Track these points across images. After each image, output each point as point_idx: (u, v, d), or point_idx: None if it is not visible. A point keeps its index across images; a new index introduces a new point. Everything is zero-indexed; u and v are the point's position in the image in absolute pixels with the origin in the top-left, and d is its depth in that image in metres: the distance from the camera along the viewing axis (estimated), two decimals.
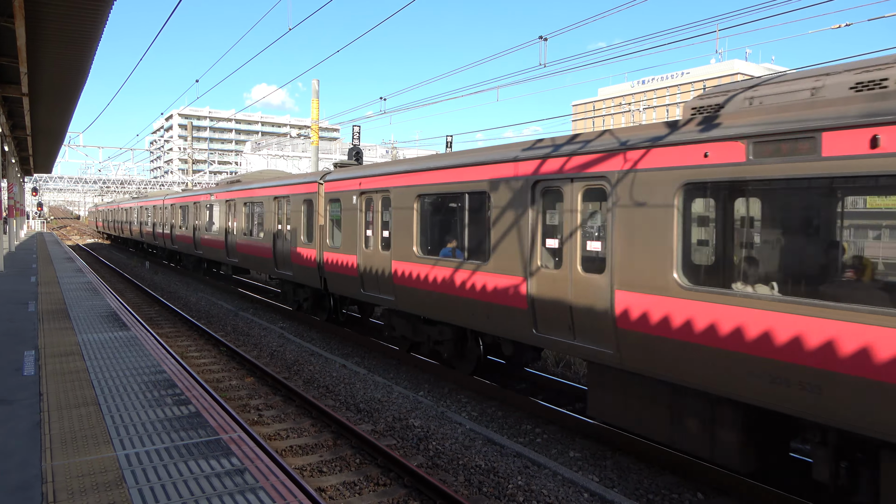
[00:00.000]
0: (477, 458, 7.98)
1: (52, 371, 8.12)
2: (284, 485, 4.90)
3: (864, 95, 5.60)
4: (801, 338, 5.73)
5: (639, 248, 7.23)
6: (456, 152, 11.60)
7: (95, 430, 6.02)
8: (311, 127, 29.96)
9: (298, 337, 15.90)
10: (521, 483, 7.26)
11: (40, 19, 11.09)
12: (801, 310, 5.75)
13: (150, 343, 10.12)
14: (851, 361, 5.39)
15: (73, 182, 68.25)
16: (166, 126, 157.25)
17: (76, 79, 15.68)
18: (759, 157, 6.11)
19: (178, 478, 4.98)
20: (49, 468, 5.12)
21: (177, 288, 25.52)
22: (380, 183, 12.87)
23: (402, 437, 8.80)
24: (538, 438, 9.07)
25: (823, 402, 5.60)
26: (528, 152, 9.06)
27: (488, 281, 9.72)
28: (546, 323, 8.74)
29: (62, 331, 10.84)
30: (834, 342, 5.51)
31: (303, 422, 9.45)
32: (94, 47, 12.81)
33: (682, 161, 6.78)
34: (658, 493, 7.33)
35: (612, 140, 7.75)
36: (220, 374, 12.12)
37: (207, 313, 19.28)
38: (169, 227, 32.19)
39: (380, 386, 11.25)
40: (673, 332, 6.83)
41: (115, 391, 7.30)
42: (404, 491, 7.11)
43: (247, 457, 5.46)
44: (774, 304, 5.96)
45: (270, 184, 19.05)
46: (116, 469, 5.12)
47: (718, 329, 6.40)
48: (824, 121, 5.67)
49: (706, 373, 6.56)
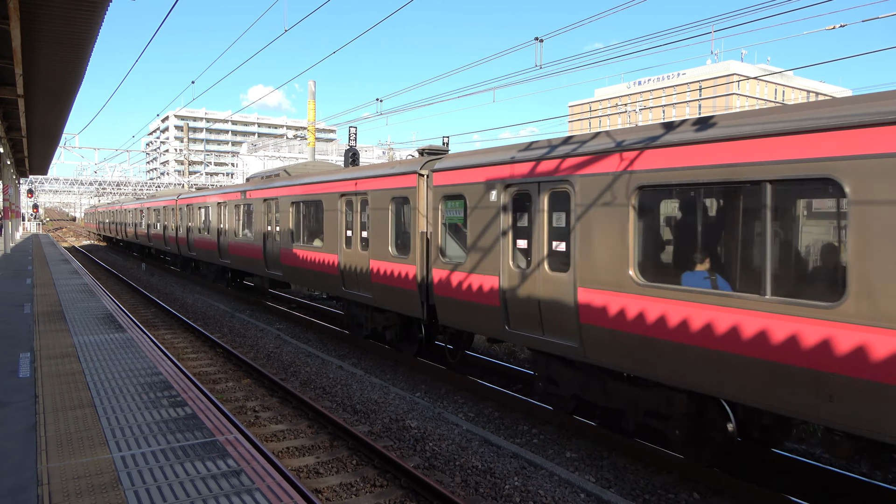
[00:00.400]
0: (473, 458, 7.99)
1: (48, 373, 8.10)
2: (281, 486, 4.90)
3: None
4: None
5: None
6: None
7: (91, 432, 6.01)
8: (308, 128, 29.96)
9: (295, 338, 15.88)
10: (518, 483, 7.27)
11: (36, 21, 11.07)
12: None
13: (146, 345, 10.10)
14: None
15: (69, 184, 68.20)
16: (162, 127, 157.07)
17: (72, 80, 15.66)
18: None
19: (174, 479, 4.98)
20: (45, 470, 5.11)
21: (173, 290, 25.48)
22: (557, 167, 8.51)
23: (398, 439, 8.80)
24: (535, 439, 9.08)
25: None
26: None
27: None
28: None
29: (58, 333, 10.81)
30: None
31: (299, 423, 9.45)
32: (89, 49, 12.80)
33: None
34: (654, 494, 7.35)
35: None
36: (216, 376, 12.11)
37: (204, 315, 19.25)
38: (185, 231, 28.27)
39: (376, 387, 11.25)
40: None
41: (111, 393, 7.28)
42: (401, 492, 7.11)
43: (243, 458, 5.46)
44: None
45: (331, 178, 14.75)
46: (112, 471, 5.11)
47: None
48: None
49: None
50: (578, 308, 7.95)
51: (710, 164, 6.47)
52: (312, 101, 28.49)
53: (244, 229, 20.97)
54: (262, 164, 66.67)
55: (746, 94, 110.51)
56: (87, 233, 79.08)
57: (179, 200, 29.26)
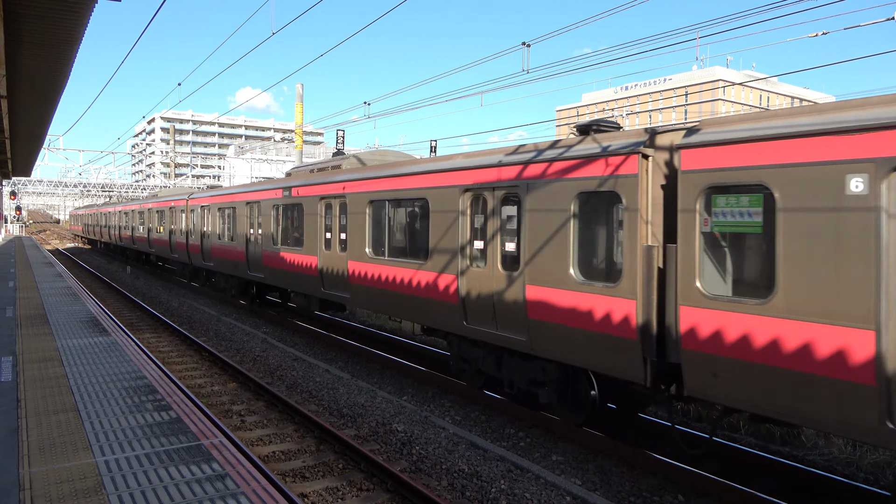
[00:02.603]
0: (460, 462, 7.99)
1: (31, 377, 8.01)
2: (266, 490, 4.87)
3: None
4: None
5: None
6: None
7: (74, 436, 5.95)
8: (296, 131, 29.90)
9: (282, 342, 15.81)
10: (505, 487, 7.28)
11: (19, 21, 10.96)
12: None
13: (130, 348, 10.02)
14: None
15: (53, 186, 67.46)
16: (148, 129, 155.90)
17: (56, 81, 15.51)
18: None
19: (158, 484, 4.94)
20: (27, 475, 5.05)
21: (158, 293, 25.28)
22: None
23: (385, 442, 8.78)
24: (521, 442, 9.10)
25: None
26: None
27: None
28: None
29: (41, 336, 10.69)
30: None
31: (286, 427, 9.41)
32: (74, 49, 12.69)
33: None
34: (640, 496, 7.39)
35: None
36: (201, 380, 12.02)
37: (189, 318, 19.11)
38: (198, 237, 23.54)
39: (363, 391, 11.23)
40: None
41: (95, 397, 7.22)
42: (387, 496, 7.10)
43: (228, 462, 5.42)
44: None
45: (447, 165, 10.51)
46: (96, 475, 5.06)
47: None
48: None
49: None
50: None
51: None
52: (300, 103, 28.44)
53: (288, 234, 16.51)
54: (250, 167, 66.36)
55: (731, 100, 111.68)
56: (73, 236, 78.15)
57: (192, 200, 24.48)
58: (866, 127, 5.40)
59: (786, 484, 7.55)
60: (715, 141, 6.59)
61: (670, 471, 7.76)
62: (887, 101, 5.44)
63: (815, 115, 5.86)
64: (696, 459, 7.92)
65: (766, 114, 6.49)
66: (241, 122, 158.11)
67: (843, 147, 5.55)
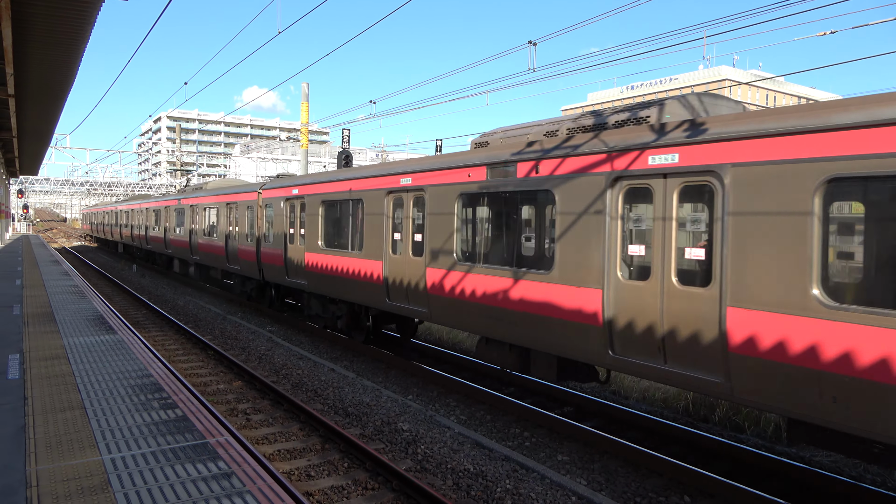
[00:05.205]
0: (465, 461, 7.98)
1: (38, 375, 8.04)
2: (272, 489, 4.88)
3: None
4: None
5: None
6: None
7: (81, 434, 5.97)
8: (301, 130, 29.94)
9: (287, 341, 15.83)
10: (510, 487, 7.27)
11: (27, 20, 11.01)
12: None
13: (136, 347, 10.05)
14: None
15: (60, 184, 67.79)
16: (154, 128, 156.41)
17: (63, 80, 15.57)
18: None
19: (164, 482, 4.95)
20: (34, 472, 5.07)
21: (164, 291, 25.36)
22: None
23: (390, 441, 8.78)
24: (526, 442, 9.09)
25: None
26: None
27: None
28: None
29: (48, 334, 10.74)
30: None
31: (291, 426, 9.42)
32: (81, 48, 12.74)
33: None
34: (645, 497, 7.37)
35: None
36: (207, 378, 12.06)
37: (195, 317, 19.17)
38: (278, 242, 17.13)
39: (368, 390, 11.23)
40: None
41: (102, 395, 7.24)
42: (392, 495, 7.10)
43: (234, 461, 5.43)
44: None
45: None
46: (102, 473, 5.08)
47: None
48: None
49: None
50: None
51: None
52: (306, 102, 28.46)
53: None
54: (255, 166, 66.49)
55: (738, 100, 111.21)
56: (79, 234, 78.36)
57: (265, 192, 18.40)
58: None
59: (792, 485, 7.52)
60: None
61: (676, 471, 7.73)
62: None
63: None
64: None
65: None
66: (247, 122, 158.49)
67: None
